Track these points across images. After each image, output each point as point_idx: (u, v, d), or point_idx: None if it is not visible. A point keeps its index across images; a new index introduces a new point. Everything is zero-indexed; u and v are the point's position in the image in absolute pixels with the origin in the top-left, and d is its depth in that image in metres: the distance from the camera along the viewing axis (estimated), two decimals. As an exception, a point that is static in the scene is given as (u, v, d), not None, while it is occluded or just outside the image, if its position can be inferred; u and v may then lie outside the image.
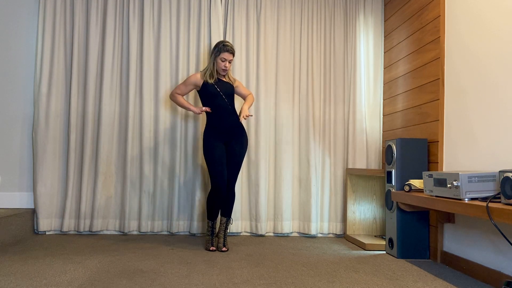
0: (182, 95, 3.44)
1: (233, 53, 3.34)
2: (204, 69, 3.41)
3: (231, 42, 3.96)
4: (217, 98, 3.30)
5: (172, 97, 3.46)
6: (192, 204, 3.87)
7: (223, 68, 3.33)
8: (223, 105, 3.31)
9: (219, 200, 3.27)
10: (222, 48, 3.29)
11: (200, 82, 3.35)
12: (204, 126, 3.88)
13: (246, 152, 3.97)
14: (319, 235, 4.04)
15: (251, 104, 3.49)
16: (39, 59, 3.84)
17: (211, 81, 3.32)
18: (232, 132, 3.34)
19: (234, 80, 3.48)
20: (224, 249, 3.22)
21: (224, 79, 3.42)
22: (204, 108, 3.33)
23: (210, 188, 3.88)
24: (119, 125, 3.92)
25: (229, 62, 3.34)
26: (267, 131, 3.99)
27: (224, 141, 3.33)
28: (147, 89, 3.91)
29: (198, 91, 3.42)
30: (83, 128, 3.86)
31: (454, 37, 2.91)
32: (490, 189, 2.23)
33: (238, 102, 3.88)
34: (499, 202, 2.10)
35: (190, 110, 3.42)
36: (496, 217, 1.92)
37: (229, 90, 3.36)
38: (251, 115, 3.42)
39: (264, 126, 3.96)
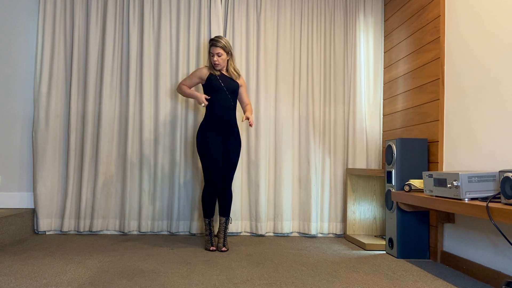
0: (189, 88, 3.44)
1: (220, 46, 3.28)
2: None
3: (230, 41, 3.95)
4: (221, 92, 3.30)
5: (179, 88, 3.45)
6: (192, 204, 3.87)
7: (212, 62, 3.33)
8: (225, 100, 3.31)
9: (214, 195, 3.29)
10: (209, 43, 3.34)
11: (206, 75, 3.36)
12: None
13: (246, 152, 3.98)
14: (319, 235, 4.04)
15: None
16: (39, 59, 3.84)
17: (217, 73, 3.33)
18: (230, 130, 3.34)
19: (239, 75, 3.45)
20: (224, 249, 3.22)
21: (228, 75, 3.39)
22: (205, 96, 3.29)
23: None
24: (119, 125, 3.92)
25: (218, 56, 3.30)
26: (267, 131, 3.99)
27: (220, 138, 3.33)
28: (147, 89, 3.91)
29: (202, 85, 3.42)
30: (83, 128, 3.86)
31: (454, 37, 2.91)
32: (490, 189, 2.23)
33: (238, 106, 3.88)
34: (499, 202, 2.10)
35: (195, 97, 3.32)
36: (496, 217, 1.92)
37: (234, 87, 3.36)
38: (251, 125, 3.33)
39: (264, 126, 3.96)
